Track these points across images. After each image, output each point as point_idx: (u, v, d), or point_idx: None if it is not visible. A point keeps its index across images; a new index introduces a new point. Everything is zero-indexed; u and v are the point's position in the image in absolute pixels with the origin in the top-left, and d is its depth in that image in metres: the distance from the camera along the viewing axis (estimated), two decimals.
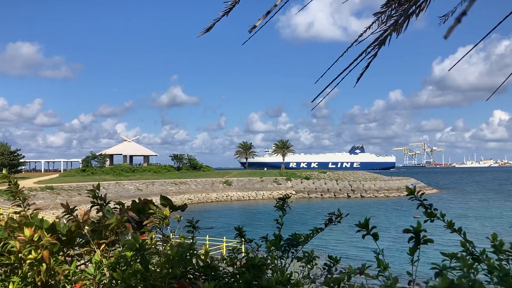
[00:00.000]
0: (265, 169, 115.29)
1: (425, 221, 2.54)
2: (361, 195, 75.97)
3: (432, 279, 2.17)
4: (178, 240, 2.80)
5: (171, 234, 2.82)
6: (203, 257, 2.46)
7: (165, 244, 2.69)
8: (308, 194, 75.89)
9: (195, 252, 2.31)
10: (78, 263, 2.58)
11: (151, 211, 2.69)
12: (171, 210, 2.86)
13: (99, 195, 2.68)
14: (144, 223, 2.67)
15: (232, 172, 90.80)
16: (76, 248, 2.68)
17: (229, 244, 26.78)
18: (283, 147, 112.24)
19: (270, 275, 2.79)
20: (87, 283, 2.28)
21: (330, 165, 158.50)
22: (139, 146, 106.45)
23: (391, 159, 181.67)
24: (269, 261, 2.82)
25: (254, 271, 2.55)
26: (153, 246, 2.40)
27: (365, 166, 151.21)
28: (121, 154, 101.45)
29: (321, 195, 75.52)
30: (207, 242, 27.90)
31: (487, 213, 48.99)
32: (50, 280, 2.14)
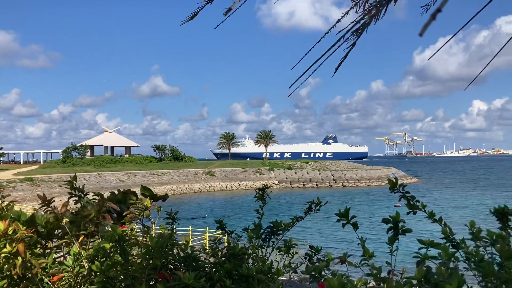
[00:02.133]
0: (248, 159, 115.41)
1: (408, 213, 2.57)
2: (342, 185, 76.70)
3: (406, 269, 2.21)
4: (159, 231, 2.78)
5: (152, 225, 2.80)
6: (183, 248, 2.45)
7: (145, 235, 2.67)
8: (290, 184, 76.30)
9: (175, 242, 2.29)
10: (57, 256, 2.54)
11: (131, 201, 2.65)
12: (152, 201, 2.83)
13: (77, 186, 2.64)
14: (124, 214, 2.64)
15: (215, 163, 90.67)
16: (55, 240, 2.64)
17: (212, 234, 26.83)
18: (265, 137, 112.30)
19: (251, 264, 2.80)
20: (66, 276, 2.25)
21: (303, 155, 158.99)
22: (121, 137, 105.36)
23: (363, 149, 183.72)
24: (250, 251, 2.83)
25: (234, 260, 2.55)
26: (133, 237, 2.38)
27: (337, 156, 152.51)
28: (102, 145, 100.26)
29: (304, 185, 76.01)
30: (190, 233, 27.89)
31: (466, 202, 49.96)
32: (26, 273, 2.10)
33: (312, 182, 77.32)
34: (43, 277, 2.23)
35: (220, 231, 3.35)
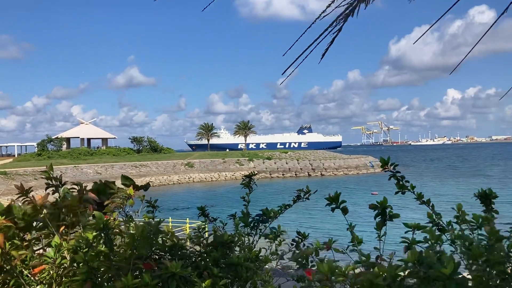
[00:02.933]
0: (227, 150, 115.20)
1: (396, 193, 2.56)
2: (321, 174, 77.42)
3: (394, 254, 2.19)
4: (143, 220, 2.71)
5: (135, 214, 2.72)
6: (169, 237, 2.39)
7: (127, 225, 2.59)
8: (270, 174, 76.61)
9: (162, 231, 2.23)
10: (36, 249, 2.45)
11: (112, 191, 2.57)
12: (134, 190, 2.76)
13: (54, 175, 2.54)
14: (105, 203, 2.56)
15: (193, 154, 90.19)
16: (34, 233, 2.54)
17: (193, 225, 26.75)
18: (245, 128, 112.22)
19: (238, 252, 2.76)
20: (46, 267, 2.17)
21: (278, 146, 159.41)
22: (97, 129, 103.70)
23: (337, 138, 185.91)
24: (236, 239, 2.78)
25: (222, 248, 2.51)
26: (116, 227, 2.30)
27: (312, 145, 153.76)
28: (79, 137, 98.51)
29: (283, 174, 76.41)
30: (170, 223, 27.76)
31: (442, 190, 51.03)
32: (5, 265, 2.01)
33: (291, 171, 77.75)
34: (23, 270, 2.14)
35: (201, 221, 3.30)
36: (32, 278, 2.14)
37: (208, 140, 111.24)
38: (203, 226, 2.93)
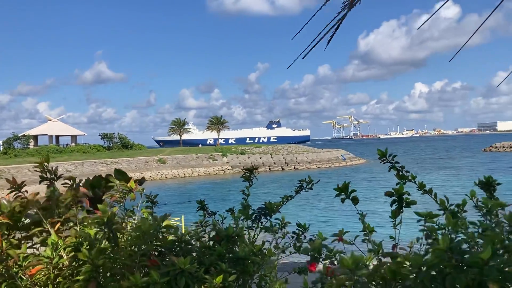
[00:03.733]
0: (200, 145, 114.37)
1: (397, 184, 2.51)
2: (294, 167, 77.91)
3: (415, 242, 2.13)
4: (143, 216, 2.56)
5: (136, 209, 2.58)
6: (173, 232, 2.27)
7: (129, 220, 2.45)
8: (244, 169, 76.56)
9: (168, 225, 2.11)
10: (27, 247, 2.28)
11: (111, 184, 2.42)
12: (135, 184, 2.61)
13: (48, 168, 2.37)
14: (103, 197, 2.41)
15: (165, 150, 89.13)
16: (23, 233, 2.37)
17: (174, 221, 26.42)
18: (217, 123, 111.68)
19: (238, 246, 2.66)
20: (42, 268, 2.02)
21: (247, 140, 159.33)
22: (66, 126, 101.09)
23: (306, 132, 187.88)
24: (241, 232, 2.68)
25: (227, 243, 2.40)
26: (118, 222, 2.16)
27: (281, 140, 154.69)
28: (47, 135, 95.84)
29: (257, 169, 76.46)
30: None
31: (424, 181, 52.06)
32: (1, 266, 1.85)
33: (265, 166, 77.88)
34: (18, 271, 1.99)
35: (177, 218, 3.18)
36: (28, 279, 1.98)
37: (181, 136, 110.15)
38: (204, 220, 2.82)
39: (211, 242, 2.53)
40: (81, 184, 2.70)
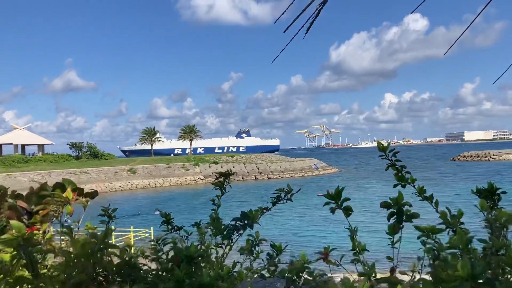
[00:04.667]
0: (172, 155, 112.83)
1: (395, 186, 2.14)
2: (267, 177, 77.63)
3: (420, 262, 1.74)
4: (88, 232, 2.10)
5: (76, 226, 2.11)
6: (120, 253, 1.81)
7: (66, 240, 1.98)
8: (216, 174, 75.74)
9: (111, 245, 1.66)
10: None
11: (44, 193, 1.95)
12: (77, 196, 2.14)
13: None
14: (35, 210, 1.93)
15: (137, 160, 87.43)
16: None
17: (137, 234, 25.52)
18: (190, 132, 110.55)
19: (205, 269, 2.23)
20: None
21: (216, 150, 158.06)
22: (32, 135, 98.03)
23: (275, 142, 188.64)
24: (205, 252, 2.24)
25: (187, 265, 1.96)
26: (47, 242, 1.70)
27: (250, 149, 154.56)
28: (12, 144, 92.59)
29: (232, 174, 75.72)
30: (132, 232, 26.24)
31: (390, 190, 52.43)
32: None
33: (238, 175, 77.29)
34: None
35: (146, 230, 2.72)
36: None
37: (152, 145, 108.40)
38: (162, 237, 2.37)
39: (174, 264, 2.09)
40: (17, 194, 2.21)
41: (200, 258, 2.01)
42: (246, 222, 2.11)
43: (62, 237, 1.99)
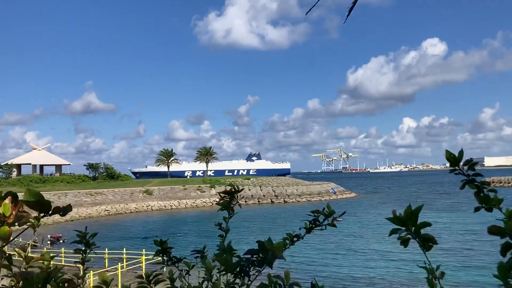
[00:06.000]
0: (188, 176, 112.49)
1: (477, 210, 1.45)
2: (284, 200, 76.37)
3: None
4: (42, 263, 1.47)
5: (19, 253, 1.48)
6: None
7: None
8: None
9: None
10: None
11: None
12: (41, 214, 1.50)
13: None
14: None
15: (153, 181, 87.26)
16: None
17: (149, 257, 24.72)
18: (206, 154, 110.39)
19: None
20: None
21: (226, 173, 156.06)
22: (51, 155, 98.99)
23: (286, 165, 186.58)
24: None
25: None
26: None
27: (261, 172, 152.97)
28: (30, 164, 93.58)
29: (245, 201, 74.78)
30: (124, 257, 25.44)
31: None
32: None
33: (254, 198, 76.34)
34: None
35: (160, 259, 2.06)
36: None
37: (168, 166, 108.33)
38: (149, 274, 1.71)
39: None
40: None
41: None
42: (264, 256, 1.44)
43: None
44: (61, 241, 37.36)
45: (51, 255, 1.53)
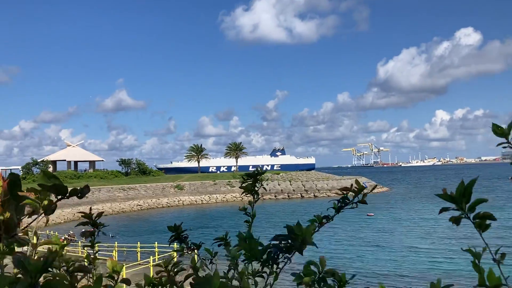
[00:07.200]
0: (219, 172, 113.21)
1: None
2: (314, 195, 75.93)
3: None
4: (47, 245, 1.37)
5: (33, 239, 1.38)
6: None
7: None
8: (262, 196, 74.53)
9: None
10: None
11: None
12: (58, 196, 1.40)
13: None
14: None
15: (184, 176, 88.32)
16: None
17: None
18: (236, 149, 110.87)
19: None
20: None
21: (250, 168, 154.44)
22: (85, 152, 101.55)
23: (311, 160, 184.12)
24: (237, 283, 1.46)
25: None
26: None
27: (285, 168, 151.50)
28: (65, 160, 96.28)
29: (275, 196, 74.76)
30: (156, 251, 25.83)
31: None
32: None
33: (283, 193, 76.18)
34: None
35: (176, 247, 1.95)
36: None
37: (199, 162, 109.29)
38: (174, 260, 1.60)
39: None
40: None
41: None
42: (293, 241, 1.30)
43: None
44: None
45: (81, 245, 1.43)
